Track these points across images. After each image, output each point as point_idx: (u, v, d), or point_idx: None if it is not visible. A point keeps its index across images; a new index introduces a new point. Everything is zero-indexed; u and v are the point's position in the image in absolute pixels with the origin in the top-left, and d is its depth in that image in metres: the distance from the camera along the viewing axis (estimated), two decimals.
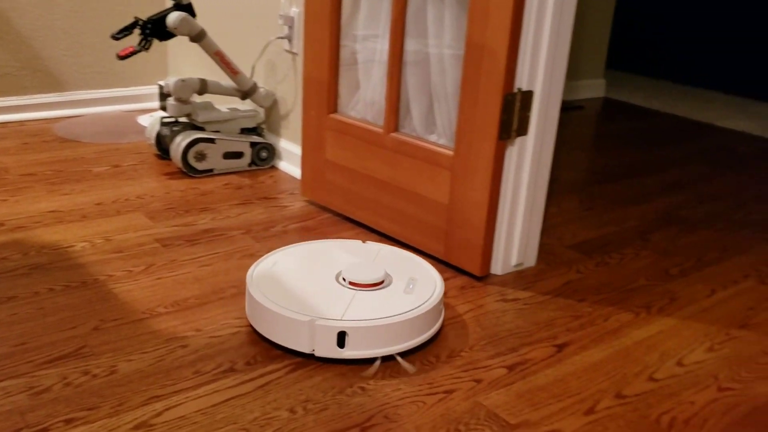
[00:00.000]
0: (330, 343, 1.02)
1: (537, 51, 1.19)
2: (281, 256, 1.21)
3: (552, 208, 1.71)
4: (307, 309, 1.04)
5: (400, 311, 1.05)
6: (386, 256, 1.23)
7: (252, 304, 1.09)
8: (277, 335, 1.05)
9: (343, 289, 1.11)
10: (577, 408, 0.96)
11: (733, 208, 1.77)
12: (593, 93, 2.98)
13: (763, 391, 1.02)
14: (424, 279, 1.16)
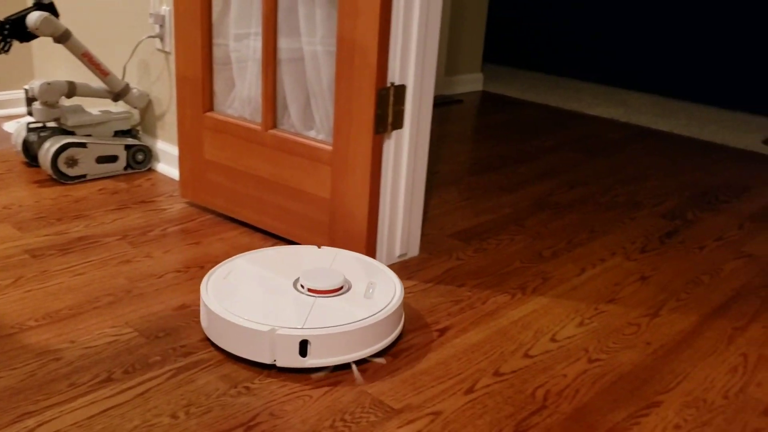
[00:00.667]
0: (292, 353, 1.00)
1: (407, 46, 1.22)
2: (235, 264, 1.17)
3: (434, 199, 1.76)
4: (267, 318, 1.01)
5: (361, 317, 1.04)
6: (343, 260, 1.21)
7: (209, 315, 1.05)
8: (237, 347, 1.02)
9: (302, 297, 1.08)
10: (458, 388, 1.00)
11: (601, 192, 1.88)
12: (472, 87, 3.08)
13: (628, 359, 1.10)
14: (382, 282, 1.15)
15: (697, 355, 1.12)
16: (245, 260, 1.19)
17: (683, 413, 0.97)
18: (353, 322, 1.02)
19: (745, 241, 1.59)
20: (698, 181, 2.00)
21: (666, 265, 1.44)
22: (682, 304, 1.28)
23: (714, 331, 1.20)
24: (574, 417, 0.95)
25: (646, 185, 1.95)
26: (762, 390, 1.04)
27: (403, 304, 1.13)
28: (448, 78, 2.96)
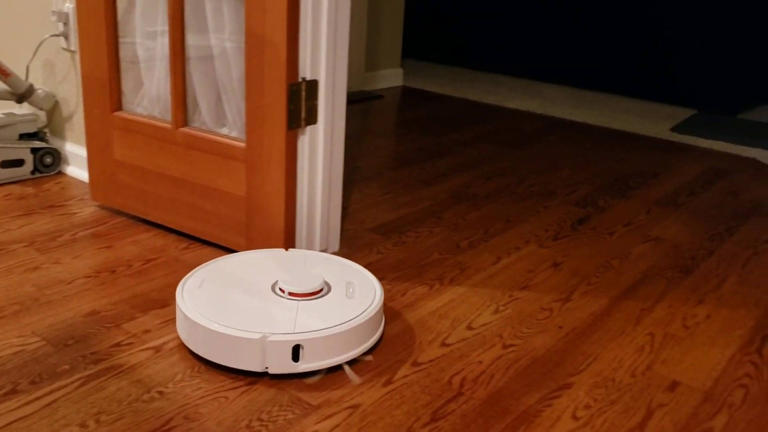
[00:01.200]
0: (285, 359, 0.98)
1: (317, 40, 1.22)
2: (207, 271, 1.14)
3: (354, 194, 1.76)
4: (255, 326, 0.99)
5: (350, 317, 1.03)
6: (314, 262, 1.19)
7: (190, 327, 1.01)
8: (225, 357, 0.99)
9: (284, 301, 1.06)
10: (376, 380, 1.00)
11: (517, 182, 1.93)
12: (392, 82, 3.10)
13: (541, 343, 1.13)
14: (360, 281, 1.14)
15: (607, 337, 1.16)
16: (216, 267, 1.16)
17: (593, 393, 1.01)
18: (344, 323, 1.02)
19: (652, 225, 1.66)
20: (609, 169, 2.08)
21: (577, 251, 1.49)
22: (593, 288, 1.33)
23: (623, 312, 1.24)
24: (489, 402, 0.97)
25: (560, 175, 2.00)
26: (667, 367, 1.08)
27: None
28: (368, 74, 2.97)
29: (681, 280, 1.38)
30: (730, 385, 1.05)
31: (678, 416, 0.97)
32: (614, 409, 0.97)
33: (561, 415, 0.95)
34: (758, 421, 0.97)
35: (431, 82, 3.25)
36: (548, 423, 0.94)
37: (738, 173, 2.11)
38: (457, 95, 3.01)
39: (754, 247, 1.56)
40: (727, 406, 0.99)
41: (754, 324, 1.23)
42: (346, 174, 1.90)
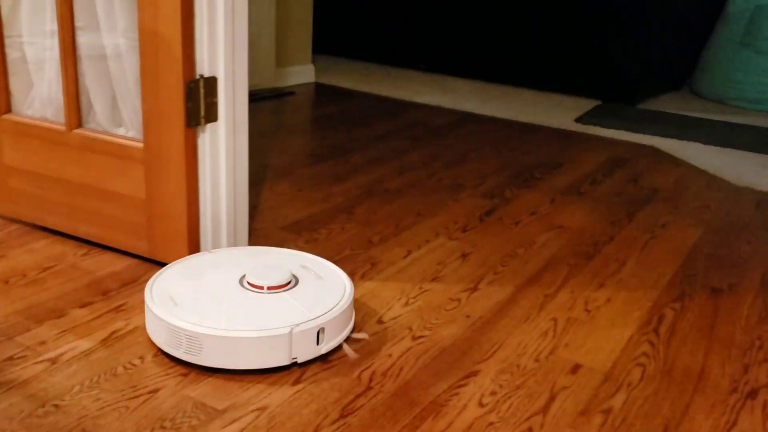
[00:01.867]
0: (310, 345, 1.01)
1: (214, 36, 1.19)
2: (168, 279, 1.10)
3: (265, 192, 1.74)
4: (277, 322, 1.00)
5: (339, 298, 1.08)
6: (264, 255, 1.21)
7: (196, 341, 0.98)
8: (250, 360, 0.99)
9: (269, 296, 1.07)
10: (285, 380, 0.99)
11: (427, 176, 1.95)
12: (304, 79, 3.08)
13: (449, 334, 1.15)
14: (316, 266, 1.18)
15: (512, 324, 1.19)
16: (172, 275, 1.12)
17: (498, 379, 1.03)
18: (339, 304, 1.07)
19: (556, 213, 1.71)
20: (516, 161, 2.13)
21: (485, 242, 1.52)
22: (499, 277, 1.36)
23: (527, 299, 1.28)
24: (397, 394, 0.98)
25: (469, 167, 2.04)
26: (569, 350, 1.12)
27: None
28: (279, 70, 2.94)
29: (583, 266, 1.42)
30: (628, 364, 1.09)
31: (579, 398, 1.00)
32: (519, 393, 1.00)
33: (467, 403, 0.97)
34: (654, 398, 1.01)
35: (343, 77, 3.24)
36: (455, 412, 0.95)
37: (637, 161, 2.21)
38: (370, 91, 3.02)
39: (652, 231, 1.63)
40: (626, 385, 1.03)
41: (651, 305, 1.28)
42: (256, 172, 1.88)
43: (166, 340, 1.01)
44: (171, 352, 1.01)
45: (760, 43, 3.16)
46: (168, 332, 1.00)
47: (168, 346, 1.01)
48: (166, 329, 1.00)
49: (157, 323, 1.01)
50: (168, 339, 1.01)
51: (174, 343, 1.00)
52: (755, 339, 1.19)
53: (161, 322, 1.01)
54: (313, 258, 1.22)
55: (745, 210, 1.82)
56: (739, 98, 3.23)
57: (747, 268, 1.46)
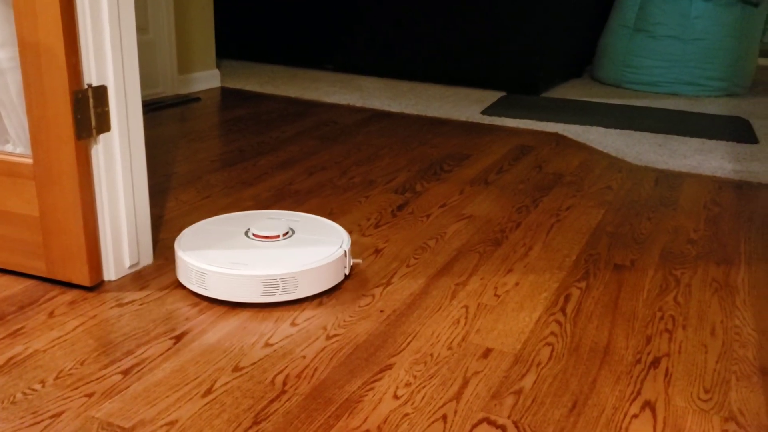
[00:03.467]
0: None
1: (100, 44, 1.15)
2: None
3: (170, 202, 1.69)
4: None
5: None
6: (256, 218, 1.40)
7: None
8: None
9: (272, 241, 1.29)
10: (194, 393, 0.97)
11: (339, 175, 1.94)
12: (209, 84, 3.02)
13: (363, 330, 1.15)
14: (305, 220, 1.39)
15: (425, 314, 1.20)
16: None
17: (413, 370, 1.04)
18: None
19: (465, 204, 1.74)
20: (425, 155, 2.15)
21: (397, 236, 1.53)
22: (412, 270, 1.37)
23: (439, 289, 1.29)
24: (312, 395, 0.97)
25: (380, 164, 2.05)
26: (480, 336, 1.14)
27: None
28: (182, 77, 2.87)
29: (492, 253, 1.45)
30: (537, 345, 1.12)
31: (491, 381, 1.02)
32: (433, 383, 1.01)
33: (382, 396, 0.97)
34: (563, 375, 1.04)
35: (250, 81, 3.20)
36: (370, 407, 0.95)
37: (542, 148, 2.27)
38: (277, 93, 2.99)
39: (557, 214, 1.69)
40: (536, 365, 1.06)
41: (557, 285, 1.32)
42: (161, 182, 1.82)
43: (190, 278, 1.23)
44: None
45: (653, 27, 3.31)
46: (186, 270, 1.23)
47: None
48: (185, 267, 1.23)
49: (181, 265, 1.24)
50: (186, 276, 1.23)
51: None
52: (656, 311, 1.24)
53: (183, 263, 1.24)
54: (311, 217, 1.43)
55: (645, 188, 1.91)
56: (636, 82, 3.38)
57: (647, 244, 1.53)
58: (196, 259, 1.22)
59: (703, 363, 1.09)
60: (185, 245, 1.27)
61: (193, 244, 1.28)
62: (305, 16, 3.51)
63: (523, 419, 0.94)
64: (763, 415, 0.97)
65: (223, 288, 1.19)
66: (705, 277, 1.38)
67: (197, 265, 1.20)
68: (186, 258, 1.23)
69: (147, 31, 2.69)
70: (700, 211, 1.75)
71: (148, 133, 2.31)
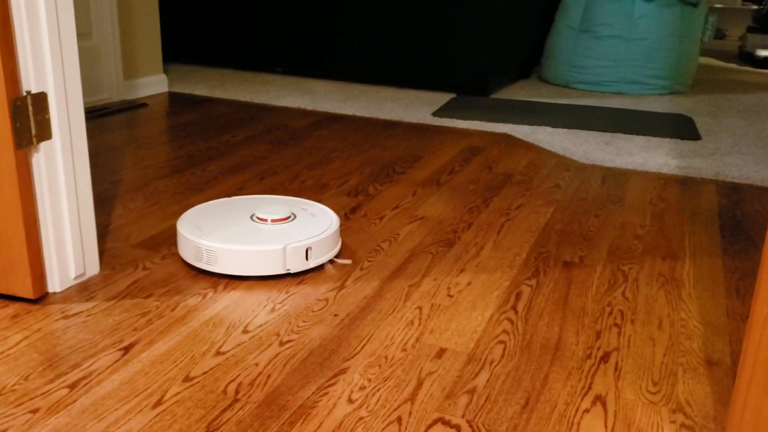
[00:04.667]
0: (300, 259, 1.32)
1: (39, 50, 1.12)
2: (193, 217, 1.42)
3: (117, 210, 1.65)
4: (272, 242, 1.32)
5: (325, 227, 1.38)
6: (259, 202, 1.51)
7: (218, 254, 1.30)
8: (256, 269, 1.30)
9: (273, 225, 1.39)
10: (144, 404, 0.95)
11: (290, 179, 1.93)
12: (156, 89, 2.97)
13: (317, 334, 1.14)
14: (309, 206, 1.49)
15: (379, 317, 1.20)
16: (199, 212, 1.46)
17: (367, 373, 1.03)
18: (324, 232, 1.36)
19: (418, 205, 1.75)
20: (377, 158, 2.16)
21: (351, 239, 1.52)
22: (366, 273, 1.36)
23: (393, 291, 1.29)
24: (266, 403, 0.96)
25: (332, 167, 2.04)
26: (434, 336, 1.14)
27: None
28: (127, 82, 2.81)
29: (444, 253, 1.46)
30: (490, 343, 1.13)
31: (445, 381, 1.02)
32: (387, 385, 1.01)
33: (337, 401, 0.97)
34: (515, 373, 1.05)
35: (198, 85, 3.16)
36: (325, 412, 0.94)
37: (492, 148, 2.30)
38: (227, 97, 2.95)
39: (507, 214, 1.70)
40: (489, 363, 1.07)
41: (509, 284, 1.34)
42: (106, 189, 1.78)
43: (194, 256, 1.33)
44: (195, 264, 1.33)
45: (597, 28, 3.39)
46: (194, 249, 1.33)
47: (194, 261, 1.33)
48: (193, 246, 1.33)
49: (184, 243, 1.35)
50: (194, 254, 1.33)
51: (197, 257, 1.33)
52: (605, 306, 1.27)
53: (187, 241, 1.33)
54: (311, 203, 1.52)
55: (592, 186, 1.94)
56: (582, 81, 3.45)
57: (595, 241, 1.56)
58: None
59: (651, 356, 1.11)
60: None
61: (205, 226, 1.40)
62: (254, 20, 3.48)
63: (477, 418, 0.94)
64: (709, 405, 1.00)
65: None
66: (652, 272, 1.41)
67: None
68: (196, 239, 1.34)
69: (90, 36, 2.63)
70: (646, 207, 1.79)
71: (93, 140, 2.26)
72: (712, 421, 0.97)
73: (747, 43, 4.71)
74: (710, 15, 3.57)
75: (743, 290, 1.36)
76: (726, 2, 5.72)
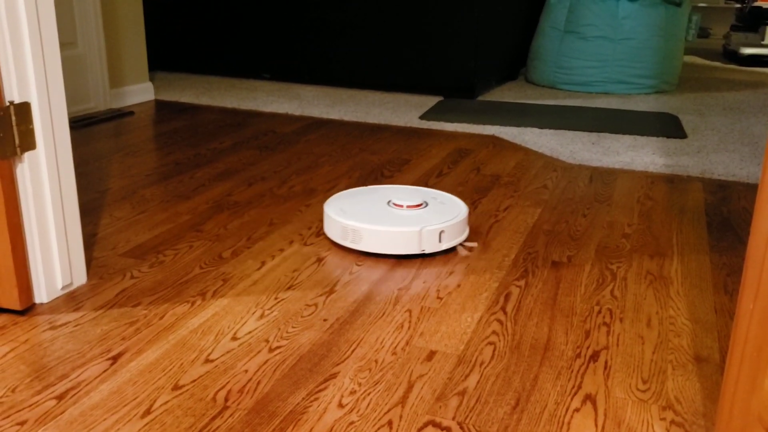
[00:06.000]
0: (434, 242, 1.44)
1: (21, 60, 1.11)
2: (337, 203, 1.57)
3: (104, 219, 1.65)
4: (409, 225, 1.44)
5: (455, 215, 1.50)
6: (394, 190, 1.64)
7: (362, 234, 1.45)
8: (393, 248, 1.44)
9: (409, 211, 1.52)
10: (133, 414, 0.94)
11: (278, 184, 1.93)
12: (142, 98, 2.96)
13: (307, 340, 1.14)
14: (440, 197, 1.61)
15: (369, 321, 1.20)
16: (341, 198, 1.62)
17: (357, 378, 1.03)
18: (456, 217, 1.48)
19: None
20: (366, 162, 2.16)
21: (340, 244, 1.52)
22: (355, 277, 1.36)
23: (383, 295, 1.29)
24: (255, 409, 0.95)
25: (320, 172, 2.04)
26: (424, 338, 1.14)
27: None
28: (114, 91, 2.80)
29: (433, 256, 1.46)
30: (480, 344, 1.13)
31: (436, 383, 1.02)
32: (378, 389, 1.00)
33: (327, 406, 0.96)
34: (505, 373, 1.05)
35: (185, 93, 3.15)
36: (315, 417, 0.94)
37: (479, 150, 2.30)
38: (214, 104, 2.95)
39: (495, 215, 1.71)
40: (479, 365, 1.07)
41: (498, 285, 1.34)
42: (93, 198, 1.77)
43: (340, 235, 1.48)
44: (341, 242, 1.48)
45: (582, 28, 3.40)
46: (341, 229, 1.48)
47: (340, 239, 1.48)
48: (340, 227, 1.47)
49: (332, 223, 1.50)
50: (341, 233, 1.48)
51: (343, 236, 1.47)
52: (594, 305, 1.27)
53: (335, 222, 1.48)
54: (439, 192, 1.65)
55: (580, 186, 1.95)
56: (568, 82, 3.46)
57: (583, 240, 1.56)
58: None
59: (641, 354, 1.12)
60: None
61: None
62: (240, 26, 3.48)
63: (467, 420, 0.94)
64: (699, 401, 1.00)
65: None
66: (640, 270, 1.42)
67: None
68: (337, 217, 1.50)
69: (76, 45, 2.62)
70: (634, 205, 1.80)
71: (80, 149, 2.25)
72: (701, 417, 0.97)
73: (731, 41, 4.75)
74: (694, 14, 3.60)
75: (731, 286, 1.36)
76: (709, 1, 5.77)
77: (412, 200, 1.54)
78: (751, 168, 2.15)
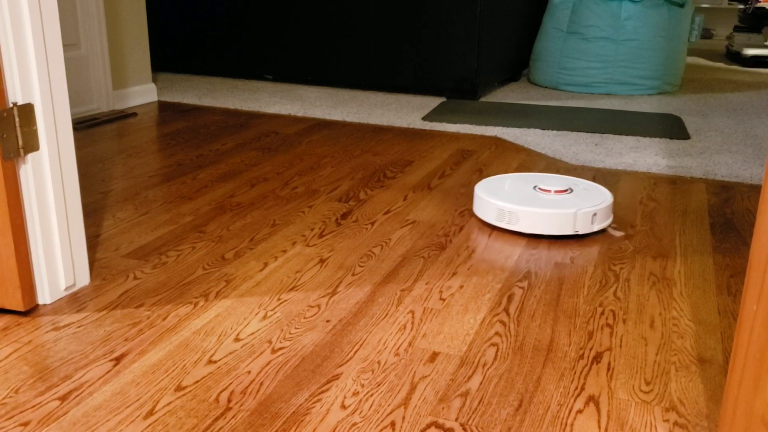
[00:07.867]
0: (587, 223, 1.54)
1: (25, 62, 1.11)
2: (487, 186, 1.68)
3: (107, 220, 1.65)
4: (563, 207, 1.55)
5: (603, 199, 1.60)
6: (539, 177, 1.76)
7: (520, 216, 1.55)
8: (548, 229, 1.54)
9: (557, 195, 1.61)
10: (136, 415, 0.94)
11: (281, 186, 1.93)
12: (145, 99, 2.96)
13: (310, 341, 1.14)
14: (583, 183, 1.70)
15: (372, 322, 1.20)
16: (490, 183, 1.72)
17: (360, 379, 1.03)
18: (604, 201, 1.59)
19: (409, 210, 1.75)
20: (368, 163, 2.16)
21: (342, 245, 1.52)
22: (357, 278, 1.36)
23: (385, 296, 1.29)
24: (258, 411, 0.95)
25: (323, 173, 2.04)
26: (427, 340, 1.14)
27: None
28: (117, 92, 2.81)
29: (436, 257, 1.46)
30: (482, 346, 1.13)
31: (439, 385, 1.02)
32: (380, 390, 1.00)
33: (330, 407, 0.96)
34: (508, 375, 1.05)
35: (188, 94, 3.15)
36: (318, 418, 0.94)
37: (482, 151, 2.30)
38: (216, 105, 2.95)
39: None
40: (482, 366, 1.07)
41: (500, 286, 1.34)
42: (96, 200, 1.78)
43: (496, 216, 1.59)
44: (496, 223, 1.59)
45: (585, 29, 3.40)
46: (497, 211, 1.58)
47: (495, 221, 1.59)
48: (496, 209, 1.58)
49: (487, 206, 1.60)
50: (496, 215, 1.58)
51: (499, 217, 1.58)
52: (597, 306, 1.27)
53: (491, 205, 1.59)
54: (581, 180, 1.74)
55: None
56: (571, 83, 3.46)
57: (586, 241, 1.56)
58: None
59: (644, 355, 1.12)
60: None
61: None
62: (243, 27, 3.48)
63: (470, 421, 0.94)
64: (702, 403, 1.00)
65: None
66: (643, 271, 1.42)
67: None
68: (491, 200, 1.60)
69: (79, 46, 2.63)
70: (637, 206, 1.80)
71: (83, 150, 2.25)
72: (705, 419, 0.97)
73: (734, 42, 4.74)
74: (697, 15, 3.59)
75: (734, 288, 1.36)
76: (712, 2, 5.76)
77: (558, 186, 1.64)
78: (755, 169, 2.14)
